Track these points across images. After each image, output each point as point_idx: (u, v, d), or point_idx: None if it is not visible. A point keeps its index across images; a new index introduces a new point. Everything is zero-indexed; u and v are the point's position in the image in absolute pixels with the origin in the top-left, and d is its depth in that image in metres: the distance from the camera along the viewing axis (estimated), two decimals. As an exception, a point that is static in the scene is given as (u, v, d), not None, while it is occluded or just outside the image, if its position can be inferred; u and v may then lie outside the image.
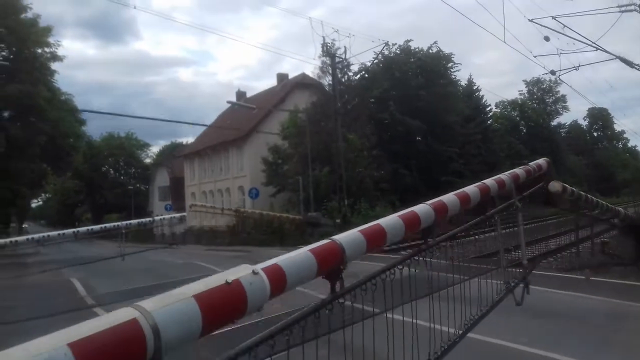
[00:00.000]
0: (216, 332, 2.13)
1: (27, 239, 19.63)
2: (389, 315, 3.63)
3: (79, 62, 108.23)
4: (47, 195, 74.88)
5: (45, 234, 22.12)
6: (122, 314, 1.92)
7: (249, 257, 22.60)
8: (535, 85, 70.62)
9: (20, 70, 29.64)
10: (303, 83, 40.67)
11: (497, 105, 62.58)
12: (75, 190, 71.22)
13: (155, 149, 79.01)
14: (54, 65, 33.57)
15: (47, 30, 32.84)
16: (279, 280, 2.70)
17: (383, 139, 33.86)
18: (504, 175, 5.34)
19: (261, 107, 41.33)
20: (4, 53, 31.45)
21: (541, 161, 6.57)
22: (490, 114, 50.98)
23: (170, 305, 2.08)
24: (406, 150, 35.08)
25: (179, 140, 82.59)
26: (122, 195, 66.37)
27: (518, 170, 5.71)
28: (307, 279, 2.99)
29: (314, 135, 28.67)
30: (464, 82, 45.68)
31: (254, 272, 2.43)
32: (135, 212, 62.87)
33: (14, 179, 32.32)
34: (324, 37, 31.78)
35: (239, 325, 2.42)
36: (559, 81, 37.16)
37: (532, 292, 5.52)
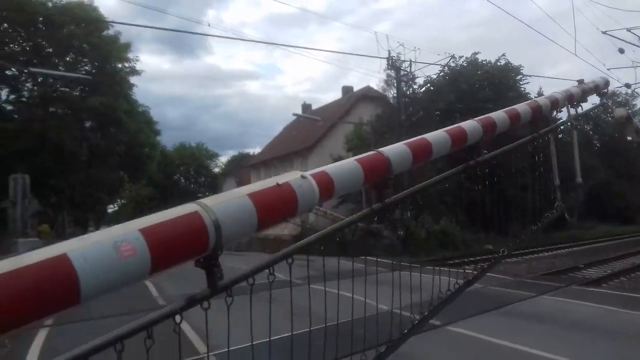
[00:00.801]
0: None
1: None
2: (453, 328, 3.59)
3: (155, 75, 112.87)
4: (122, 201, 78.28)
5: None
6: (186, 208, 2.06)
7: (312, 266, 22.71)
8: (610, 98, 67.35)
9: (102, 84, 31.29)
10: (368, 96, 40.72)
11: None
12: (149, 197, 74.08)
13: (223, 159, 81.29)
14: (133, 79, 35.29)
15: (127, 47, 34.56)
16: (327, 186, 2.80)
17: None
18: (557, 94, 4.86)
19: (326, 120, 41.69)
20: (87, 67, 33.32)
21: (599, 80, 5.77)
22: (562, 127, 48.86)
23: (228, 202, 2.23)
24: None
25: (247, 150, 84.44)
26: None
27: (573, 89, 5.15)
28: (354, 187, 3.10)
29: (378, 147, 28.57)
30: (533, 95, 44.23)
31: (303, 177, 2.58)
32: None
33: (94, 185, 34.05)
34: (389, 50, 31.76)
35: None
36: (635, 94, 35.33)
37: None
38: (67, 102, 31.57)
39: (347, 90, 48.77)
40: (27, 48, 31.56)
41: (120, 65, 34.03)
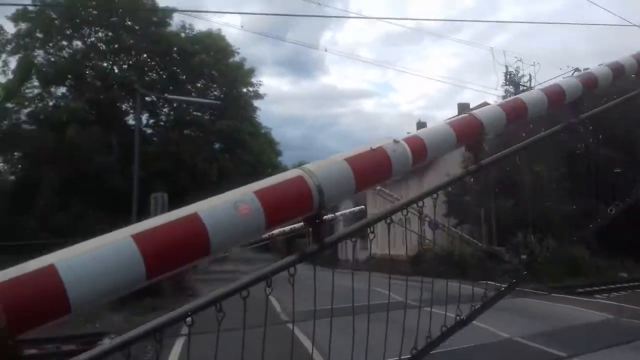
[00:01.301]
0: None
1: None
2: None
3: (276, 97, 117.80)
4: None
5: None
6: (293, 173, 2.37)
7: (428, 288, 22.32)
8: None
9: (229, 108, 33.44)
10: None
11: None
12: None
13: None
14: (256, 103, 37.31)
15: (251, 72, 36.67)
16: (419, 150, 2.92)
17: (574, 170, 31.22)
18: None
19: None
20: (216, 93, 35.78)
21: None
22: None
23: (328, 167, 2.48)
24: (602, 183, 31.86)
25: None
26: (310, 221, 70.29)
27: None
28: (446, 150, 3.13)
29: (497, 166, 27.59)
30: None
31: (395, 141, 2.75)
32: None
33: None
34: (506, 65, 30.66)
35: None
36: None
37: None
38: (199, 126, 34.12)
39: (463, 107, 47.66)
40: (164, 76, 34.63)
41: (245, 90, 36.16)
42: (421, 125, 55.34)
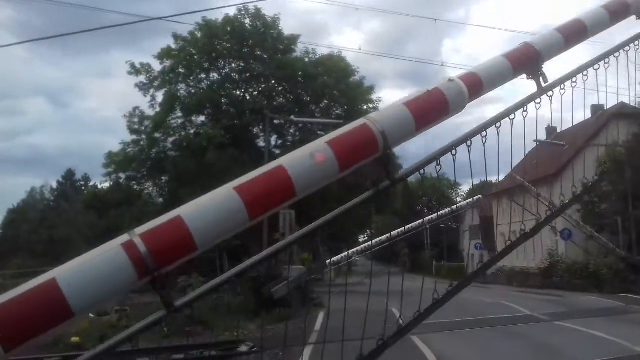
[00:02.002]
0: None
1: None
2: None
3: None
4: (371, 231, 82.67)
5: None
6: (357, 123, 2.84)
7: (560, 302, 21.07)
8: None
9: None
10: (622, 113, 36.37)
11: None
12: (395, 227, 76.84)
13: (465, 188, 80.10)
14: (378, 119, 37.80)
15: (371, 89, 37.27)
16: (474, 84, 3.16)
17: None
18: None
19: (572, 142, 38.45)
20: (338, 112, 36.82)
21: None
22: None
23: (389, 113, 2.91)
24: None
25: (490, 178, 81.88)
26: (435, 234, 68.88)
27: None
28: (502, 82, 3.20)
29: (636, 171, 25.36)
30: None
31: (450, 80, 3.04)
32: (448, 250, 64.58)
33: (346, 218, 37.05)
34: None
35: None
36: None
37: None
38: (322, 144, 35.35)
39: (596, 108, 44.21)
40: (290, 99, 36.42)
41: (365, 107, 36.83)
42: (551, 130, 51.89)
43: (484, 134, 3.40)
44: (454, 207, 35.85)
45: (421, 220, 34.40)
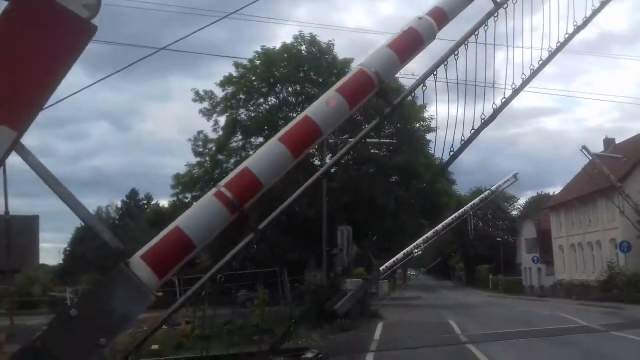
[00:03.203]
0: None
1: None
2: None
3: (445, 123, 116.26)
4: (426, 245, 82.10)
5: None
6: (355, 70, 3.70)
7: (619, 314, 20.73)
8: None
9: (403, 143, 34.84)
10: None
11: None
12: (449, 241, 75.94)
13: (521, 201, 78.35)
14: (428, 135, 38.18)
15: (422, 107, 37.70)
16: (440, 16, 3.98)
17: None
18: None
19: (631, 154, 37.45)
20: (390, 130, 37.45)
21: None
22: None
23: (377, 55, 3.67)
24: None
25: (546, 191, 79.81)
26: (491, 247, 67.70)
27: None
28: (463, 7, 4.11)
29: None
30: None
31: (419, 18, 3.86)
32: (504, 264, 63.30)
33: (401, 232, 37.44)
34: None
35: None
36: None
37: None
38: (376, 162, 36.02)
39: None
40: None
41: (417, 125, 37.31)
42: (608, 142, 50.52)
43: (456, 53, 4.30)
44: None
45: (463, 209, 33.88)
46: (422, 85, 4.19)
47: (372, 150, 36.68)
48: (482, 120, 4.62)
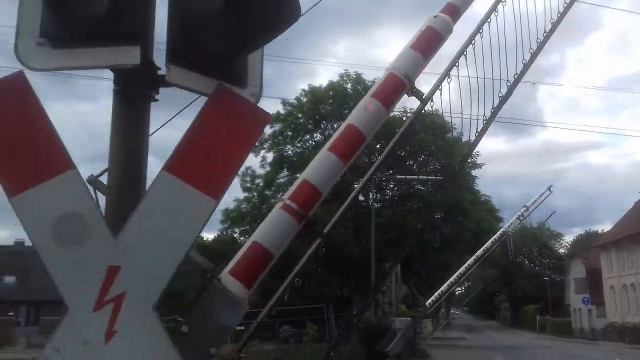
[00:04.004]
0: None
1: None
2: None
3: (491, 156, 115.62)
4: (469, 283, 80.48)
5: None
6: (385, 75, 3.83)
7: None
8: None
9: (448, 179, 34.71)
10: None
11: None
12: (493, 279, 74.15)
13: (568, 238, 76.14)
14: (475, 172, 37.94)
15: (467, 144, 37.68)
16: (453, 11, 4.05)
17: None
18: None
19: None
20: (436, 165, 37.44)
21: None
22: None
23: (403, 57, 3.87)
24: None
25: (594, 228, 77.59)
26: (537, 286, 65.68)
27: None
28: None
29: None
30: None
31: (435, 16, 4.04)
32: (551, 305, 61.14)
33: (446, 268, 36.95)
34: None
35: None
36: None
37: None
38: (421, 198, 35.93)
39: None
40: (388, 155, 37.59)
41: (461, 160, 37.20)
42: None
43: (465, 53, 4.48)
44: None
45: (502, 230, 32.57)
46: (447, 77, 4.45)
47: (418, 186, 36.67)
48: (500, 98, 4.98)
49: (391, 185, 38.36)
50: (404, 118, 36.96)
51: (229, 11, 1.94)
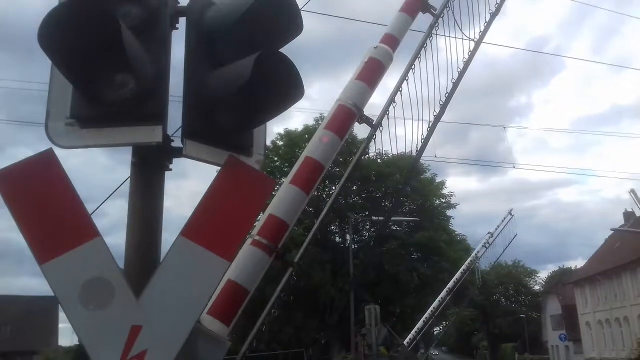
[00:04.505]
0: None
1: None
2: None
3: (464, 196, 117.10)
4: (447, 323, 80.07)
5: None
6: (335, 106, 4.22)
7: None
8: None
9: (424, 220, 35.16)
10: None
11: None
12: (471, 318, 74.04)
13: (543, 275, 76.99)
14: (449, 212, 38.54)
15: (442, 184, 38.37)
16: (392, 41, 4.56)
17: None
18: None
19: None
20: (411, 206, 37.93)
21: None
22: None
23: (351, 88, 4.29)
24: None
25: (567, 264, 78.68)
26: (515, 324, 65.86)
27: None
28: (407, 29, 4.66)
29: None
30: None
31: (375, 47, 4.39)
32: (529, 342, 61.28)
33: (424, 309, 36.94)
34: None
35: None
36: None
37: None
38: (398, 239, 36.22)
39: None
40: (363, 196, 38.01)
41: (438, 202, 37.79)
42: (628, 215, 50.35)
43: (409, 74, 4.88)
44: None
45: (469, 261, 32.25)
46: (392, 103, 4.79)
47: (394, 227, 36.99)
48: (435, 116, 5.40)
49: (367, 226, 38.63)
50: (379, 160, 37.70)
51: (242, 94, 2.19)
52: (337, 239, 37.43)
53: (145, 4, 2.14)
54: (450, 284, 33.11)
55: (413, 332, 34.29)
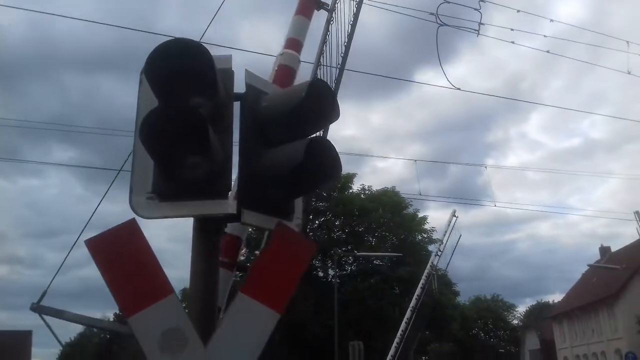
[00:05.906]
0: None
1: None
2: None
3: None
4: (426, 358, 79.71)
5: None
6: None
7: None
8: None
9: (406, 254, 35.61)
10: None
11: None
12: (451, 353, 73.85)
13: (521, 309, 77.47)
14: (431, 247, 39.07)
15: (424, 219, 39.01)
16: (295, 45, 4.99)
17: None
18: None
19: (628, 262, 38.24)
20: (393, 241, 38.40)
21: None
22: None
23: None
24: None
25: (546, 298, 79.27)
26: (494, 359, 65.97)
27: None
28: (306, 29, 5.13)
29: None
30: None
31: (281, 54, 4.94)
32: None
33: (406, 345, 37.03)
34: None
35: None
36: None
37: None
38: (380, 274, 36.54)
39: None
40: (346, 230, 38.39)
41: (420, 237, 38.37)
42: (604, 250, 51.16)
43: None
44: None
45: (426, 272, 31.86)
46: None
47: (376, 262, 37.34)
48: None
49: (350, 261, 38.88)
50: (362, 195, 38.33)
51: (294, 173, 2.63)
52: (319, 273, 37.60)
53: (217, 98, 2.59)
54: (412, 303, 33.05)
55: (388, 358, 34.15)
